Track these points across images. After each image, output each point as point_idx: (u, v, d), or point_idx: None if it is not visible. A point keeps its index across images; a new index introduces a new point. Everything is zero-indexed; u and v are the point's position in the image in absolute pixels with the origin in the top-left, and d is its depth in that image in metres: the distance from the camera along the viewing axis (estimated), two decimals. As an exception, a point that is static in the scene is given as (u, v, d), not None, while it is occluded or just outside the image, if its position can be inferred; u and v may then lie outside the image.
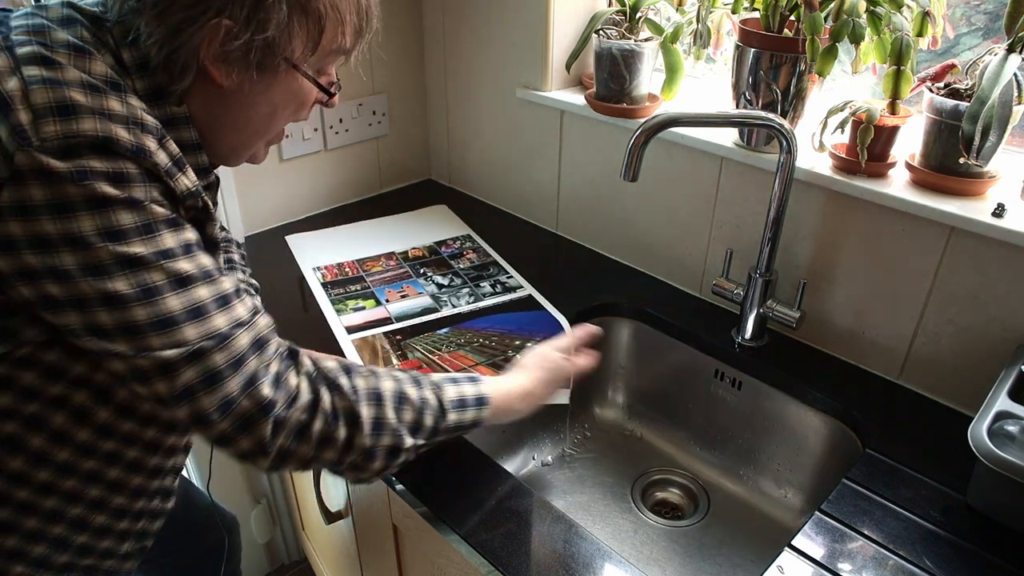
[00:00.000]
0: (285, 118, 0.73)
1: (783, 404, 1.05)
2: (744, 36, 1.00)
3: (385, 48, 1.48)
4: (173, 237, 0.60)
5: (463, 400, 0.79)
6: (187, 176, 0.63)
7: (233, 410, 0.63)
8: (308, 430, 0.67)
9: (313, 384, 0.69)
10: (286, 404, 0.66)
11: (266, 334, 0.67)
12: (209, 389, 0.62)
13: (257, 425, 0.65)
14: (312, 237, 1.40)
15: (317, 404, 0.68)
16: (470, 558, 0.79)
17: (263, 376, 0.65)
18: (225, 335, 0.63)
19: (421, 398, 0.76)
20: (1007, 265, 0.87)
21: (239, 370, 0.63)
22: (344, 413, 0.70)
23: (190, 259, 0.62)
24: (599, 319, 1.22)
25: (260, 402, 0.64)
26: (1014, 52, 0.80)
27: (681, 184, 1.18)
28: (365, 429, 0.70)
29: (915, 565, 0.74)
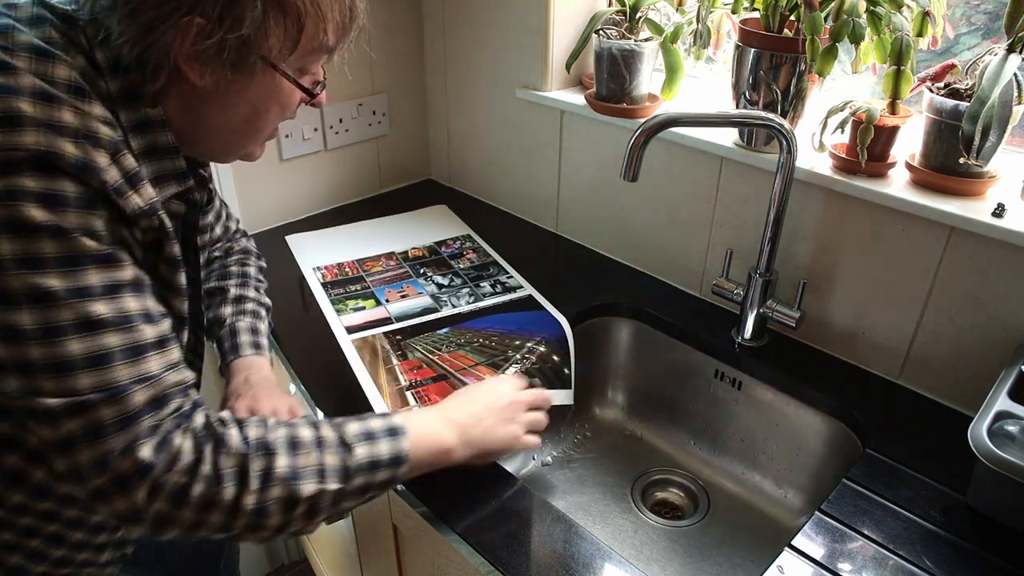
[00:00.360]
0: (270, 119, 0.70)
1: (783, 404, 1.05)
2: (744, 36, 1.00)
3: (385, 48, 1.48)
4: (98, 275, 0.57)
5: (370, 432, 0.73)
6: (141, 193, 0.60)
7: (110, 468, 0.60)
8: (187, 494, 0.63)
9: (197, 444, 0.65)
10: (165, 467, 0.62)
11: (170, 393, 0.63)
12: (90, 444, 0.59)
13: (133, 487, 0.61)
14: (312, 237, 1.40)
15: (198, 466, 0.64)
16: (470, 558, 0.79)
17: (147, 437, 0.61)
18: (120, 389, 0.59)
19: (317, 437, 0.71)
20: (1007, 265, 0.87)
21: (125, 429, 0.60)
22: (229, 473, 0.65)
23: (109, 301, 0.58)
24: (599, 319, 1.22)
25: (137, 463, 0.60)
26: (1014, 52, 0.80)
27: (681, 184, 1.18)
28: (252, 485, 0.65)
29: (915, 565, 0.74)
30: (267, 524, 0.67)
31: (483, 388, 0.87)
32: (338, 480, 0.69)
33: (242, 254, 1.05)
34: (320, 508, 0.69)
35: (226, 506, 0.64)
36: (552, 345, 1.09)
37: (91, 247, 0.56)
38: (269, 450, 0.68)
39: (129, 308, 0.60)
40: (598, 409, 1.27)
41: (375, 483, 0.72)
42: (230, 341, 0.93)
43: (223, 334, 0.94)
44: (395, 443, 0.74)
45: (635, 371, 1.24)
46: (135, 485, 0.60)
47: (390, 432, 0.74)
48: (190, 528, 0.64)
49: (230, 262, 1.03)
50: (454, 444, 0.78)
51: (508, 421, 0.84)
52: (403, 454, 0.73)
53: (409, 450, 0.74)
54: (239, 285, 0.99)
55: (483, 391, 0.86)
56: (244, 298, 0.98)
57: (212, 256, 1.04)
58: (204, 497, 0.63)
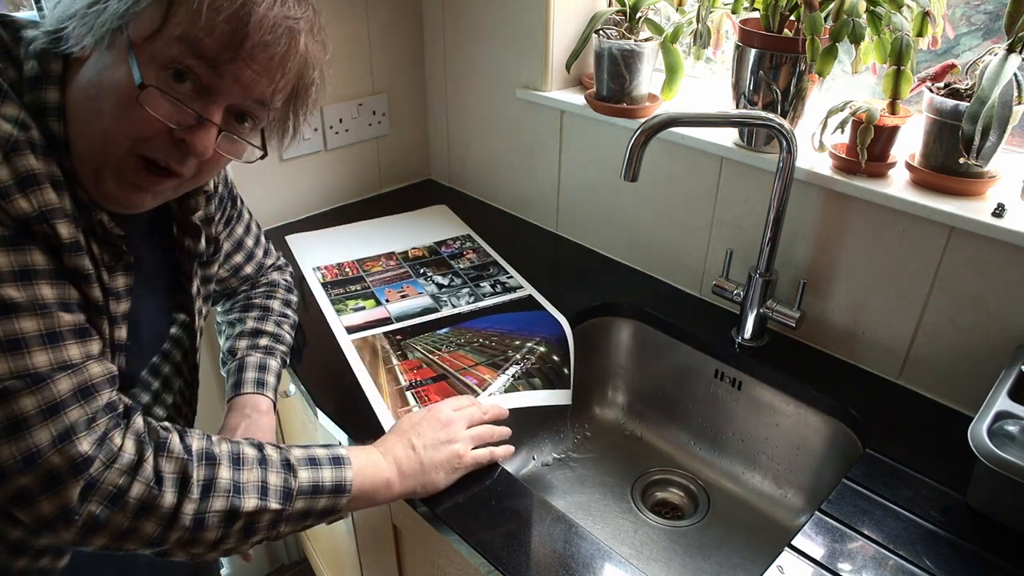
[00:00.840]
0: (108, 118, 0.60)
1: (783, 404, 1.05)
2: (744, 36, 1.00)
3: (385, 48, 1.48)
4: (5, 257, 0.55)
5: (314, 458, 0.72)
6: (32, 199, 0.56)
7: (39, 465, 0.56)
8: (124, 495, 0.59)
9: (139, 445, 0.62)
10: (103, 464, 0.58)
11: (97, 383, 0.60)
12: (11, 437, 0.55)
13: (65, 486, 0.57)
14: (312, 237, 1.40)
15: (139, 467, 0.60)
16: (470, 558, 0.79)
17: (82, 430, 0.57)
18: (41, 376, 0.56)
19: (261, 456, 0.69)
20: (1007, 265, 0.87)
21: (51, 419, 0.56)
22: (170, 478, 0.62)
23: (21, 287, 0.55)
24: (599, 319, 1.22)
25: (73, 459, 0.57)
26: (1014, 52, 0.80)
27: (681, 184, 1.18)
28: (193, 493, 0.63)
29: (915, 565, 0.74)
30: (202, 539, 0.64)
31: (415, 418, 0.85)
32: (279, 500, 0.68)
33: (268, 287, 1.03)
34: (257, 528, 0.67)
35: (164, 513, 0.62)
36: (552, 345, 1.09)
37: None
38: (212, 461, 0.66)
39: (44, 294, 0.57)
40: (598, 409, 1.27)
41: (315, 510, 0.71)
42: (236, 376, 0.92)
43: (232, 367, 0.93)
44: (338, 471, 0.73)
45: (635, 371, 1.24)
46: (68, 482, 0.57)
47: (334, 461, 0.73)
48: (119, 537, 0.61)
49: (255, 295, 1.02)
50: (392, 477, 0.77)
51: (445, 443, 0.82)
52: (346, 483, 0.72)
53: (352, 480, 0.73)
54: (258, 319, 0.98)
55: (415, 421, 0.84)
56: (260, 332, 0.97)
57: (240, 289, 1.03)
58: (142, 501, 0.60)
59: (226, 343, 0.97)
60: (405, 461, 0.79)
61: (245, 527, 0.67)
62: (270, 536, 0.69)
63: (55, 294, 0.58)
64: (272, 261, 1.07)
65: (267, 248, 1.05)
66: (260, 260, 1.03)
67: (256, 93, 0.63)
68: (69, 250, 0.60)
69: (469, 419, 0.87)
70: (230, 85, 0.61)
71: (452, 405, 0.88)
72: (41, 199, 0.57)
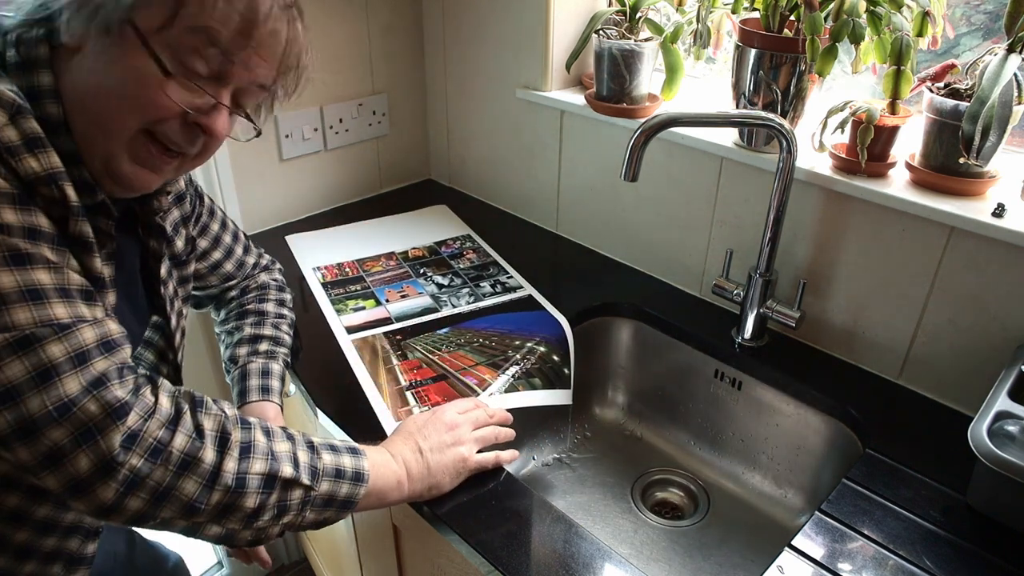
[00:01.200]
0: (129, 108, 0.61)
1: (783, 404, 1.05)
2: (744, 36, 1.00)
3: (385, 48, 1.48)
4: (13, 214, 0.54)
5: (333, 446, 0.73)
6: (41, 159, 0.57)
7: (73, 414, 0.54)
8: (167, 447, 0.58)
9: (175, 400, 0.61)
10: (142, 416, 0.57)
11: (117, 338, 0.59)
12: (42, 386, 0.53)
13: (104, 434, 0.55)
14: (312, 237, 1.40)
15: (179, 420, 0.60)
16: (470, 558, 0.79)
17: (114, 378, 0.56)
18: (65, 325, 0.55)
19: (288, 434, 0.70)
20: (1007, 265, 0.87)
21: (81, 368, 0.55)
22: (211, 434, 0.62)
23: (31, 243, 0.55)
24: (599, 319, 1.22)
25: (110, 404, 0.55)
26: (1014, 52, 0.80)
27: (681, 184, 1.18)
28: (233, 451, 0.62)
29: (915, 565, 0.74)
30: (241, 505, 0.63)
31: (420, 420, 0.85)
32: (308, 477, 0.68)
33: (259, 290, 1.03)
34: (290, 505, 0.67)
35: (205, 470, 0.60)
36: (552, 345, 1.09)
37: (2, 185, 0.54)
38: (248, 425, 0.66)
39: (49, 255, 0.57)
40: (598, 409, 1.27)
41: (338, 497, 0.71)
42: (240, 385, 0.92)
43: (235, 376, 0.93)
44: (357, 460, 0.73)
45: (635, 371, 1.24)
46: (107, 430, 0.55)
47: (351, 451, 0.74)
48: (159, 497, 0.59)
49: (247, 300, 1.01)
50: (402, 478, 0.77)
51: (450, 446, 0.82)
52: (364, 472, 0.73)
53: (369, 470, 0.73)
54: (255, 324, 0.98)
55: (420, 424, 0.84)
56: (259, 337, 0.96)
57: (230, 296, 1.02)
58: (185, 454, 0.59)
59: (226, 352, 0.97)
60: (413, 464, 0.79)
61: (279, 501, 0.66)
62: (297, 521, 0.69)
63: (57, 257, 0.58)
64: (255, 259, 1.06)
65: (247, 245, 1.04)
66: (241, 257, 1.02)
67: (260, 77, 0.66)
68: (75, 214, 0.60)
69: (474, 422, 0.86)
70: (240, 71, 0.64)
71: (457, 408, 0.88)
72: (48, 161, 0.58)
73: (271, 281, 1.06)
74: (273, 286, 1.05)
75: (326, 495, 0.70)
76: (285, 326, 1.01)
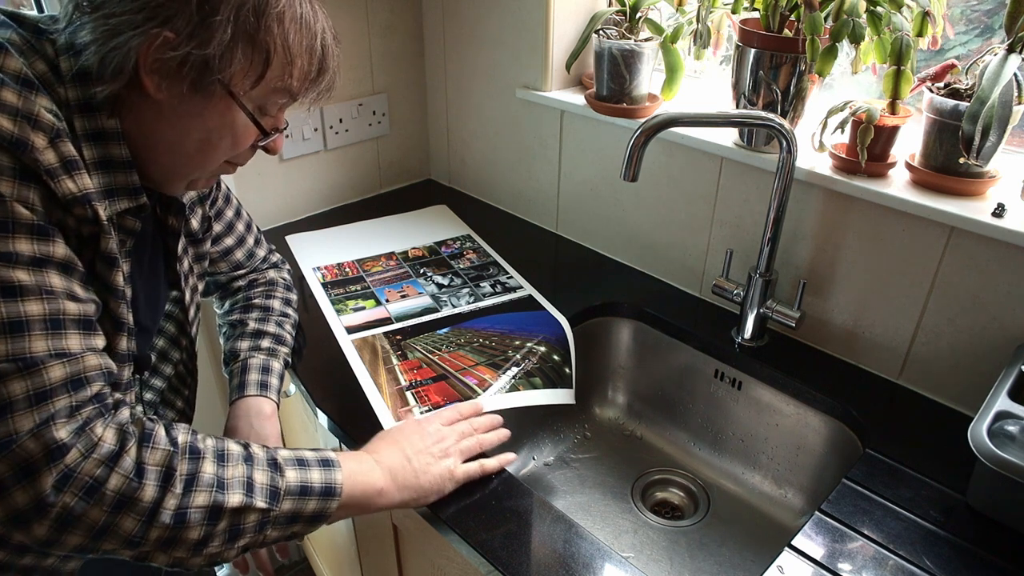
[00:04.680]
0: (221, 150, 0.69)
1: (783, 404, 1.05)
2: (744, 36, 1.00)
3: (385, 48, 1.48)
4: (28, 244, 0.56)
5: (302, 459, 0.71)
6: (77, 181, 0.59)
7: (12, 451, 0.55)
8: (101, 487, 0.58)
9: (121, 436, 0.61)
10: (81, 454, 0.58)
11: (91, 375, 0.60)
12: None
13: (39, 474, 0.56)
14: (312, 237, 1.40)
15: (118, 458, 0.60)
16: (470, 558, 0.79)
17: (62, 418, 0.57)
18: (35, 361, 0.56)
19: (246, 453, 0.68)
20: (1007, 265, 0.87)
21: (36, 407, 0.56)
22: (153, 470, 0.61)
23: (34, 272, 0.57)
24: (599, 319, 1.22)
25: (47, 445, 0.56)
26: (1014, 52, 0.80)
27: (681, 184, 1.18)
28: (176, 488, 0.61)
29: (915, 565, 0.74)
30: (184, 538, 0.62)
31: (407, 429, 0.84)
32: (266, 499, 0.67)
33: (267, 286, 1.03)
34: (244, 529, 0.66)
35: (144, 508, 0.60)
36: (552, 345, 1.09)
37: (24, 215, 0.56)
38: (197, 455, 0.65)
39: (53, 283, 0.58)
40: (598, 409, 1.27)
41: (304, 513, 0.69)
42: (239, 378, 0.92)
43: (235, 369, 0.93)
44: (327, 474, 0.71)
45: (635, 371, 1.24)
46: (42, 471, 0.56)
47: (323, 463, 0.72)
48: (95, 535, 0.59)
49: (254, 294, 1.02)
50: (385, 486, 0.76)
51: (438, 457, 0.81)
52: (336, 486, 0.71)
53: (342, 484, 0.71)
54: (259, 320, 0.98)
55: (407, 432, 0.83)
56: (262, 333, 0.97)
57: (237, 287, 1.03)
58: (121, 494, 0.59)
59: (228, 344, 0.97)
60: (400, 471, 0.78)
61: (231, 527, 0.65)
62: (257, 541, 0.67)
63: (63, 284, 0.59)
64: (264, 252, 1.07)
65: (259, 237, 1.05)
66: (251, 248, 1.03)
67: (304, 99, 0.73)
68: (106, 232, 0.63)
69: (460, 434, 0.86)
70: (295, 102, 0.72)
71: (441, 420, 0.87)
72: (82, 183, 0.60)
73: (280, 279, 1.06)
74: (281, 284, 1.05)
75: (290, 513, 0.68)
76: (289, 325, 1.01)
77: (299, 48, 0.66)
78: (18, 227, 0.56)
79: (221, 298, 1.04)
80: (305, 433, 1.31)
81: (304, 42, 0.66)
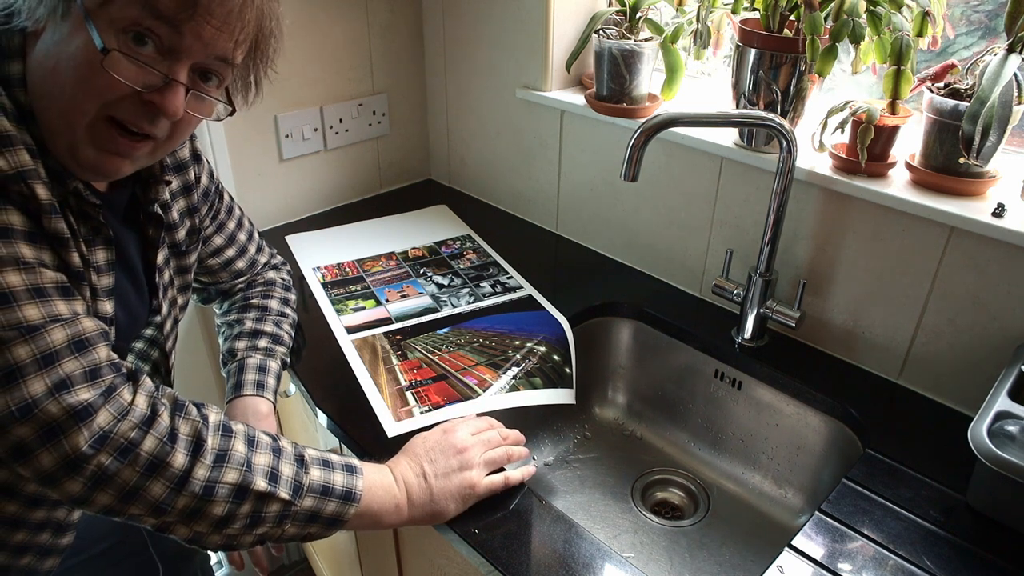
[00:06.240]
0: (81, 89, 0.60)
1: (783, 404, 1.05)
2: (744, 36, 1.00)
3: (385, 48, 1.48)
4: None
5: (327, 461, 0.71)
6: (7, 158, 0.57)
7: (35, 415, 0.56)
8: (136, 448, 0.59)
9: (152, 402, 0.61)
10: (115, 416, 0.59)
11: (91, 336, 0.60)
12: (6, 388, 0.55)
13: (68, 434, 0.56)
14: (312, 237, 1.40)
15: (152, 422, 0.60)
16: (470, 558, 0.79)
17: (80, 382, 0.57)
18: (35, 327, 0.56)
19: (275, 445, 0.68)
20: (1007, 265, 0.87)
21: (46, 369, 0.56)
22: (185, 439, 0.62)
23: (3, 242, 0.56)
24: (599, 319, 1.22)
25: (72, 408, 0.56)
26: (1014, 52, 0.80)
27: (681, 184, 1.18)
28: (206, 458, 0.62)
29: (915, 565, 0.74)
30: (209, 512, 0.62)
31: (430, 441, 0.81)
32: (289, 492, 0.67)
33: (265, 286, 1.03)
34: (264, 518, 0.66)
35: (173, 474, 0.60)
36: (552, 345, 1.09)
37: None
38: (229, 433, 0.65)
39: (24, 252, 0.57)
40: (598, 409, 1.27)
41: (323, 514, 0.69)
42: (236, 378, 0.92)
43: (232, 368, 0.93)
44: (350, 479, 0.71)
45: (635, 371, 1.24)
46: (71, 431, 0.57)
47: (347, 468, 0.72)
48: (125, 496, 0.60)
49: (252, 295, 1.02)
50: (402, 502, 0.75)
51: (457, 471, 0.78)
52: (356, 492, 0.71)
53: (362, 491, 0.71)
54: (256, 319, 0.98)
55: (429, 446, 0.80)
56: (259, 333, 0.96)
57: (236, 289, 1.03)
58: (153, 456, 0.59)
59: (225, 344, 0.97)
60: (416, 490, 0.76)
61: (253, 512, 0.65)
62: (275, 534, 0.68)
63: (33, 254, 0.58)
64: (266, 259, 1.06)
65: (260, 244, 1.05)
66: (253, 256, 1.03)
67: (218, 49, 0.63)
68: (47, 212, 0.60)
69: (486, 443, 0.83)
70: (192, 43, 0.61)
71: (470, 428, 0.84)
72: (17, 159, 0.58)
73: (278, 279, 1.06)
74: (279, 284, 1.05)
75: (309, 511, 0.68)
76: (286, 325, 1.01)
77: None
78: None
79: (221, 301, 1.04)
80: (305, 433, 1.31)
81: None
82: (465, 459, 0.80)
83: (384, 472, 0.76)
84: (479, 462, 0.80)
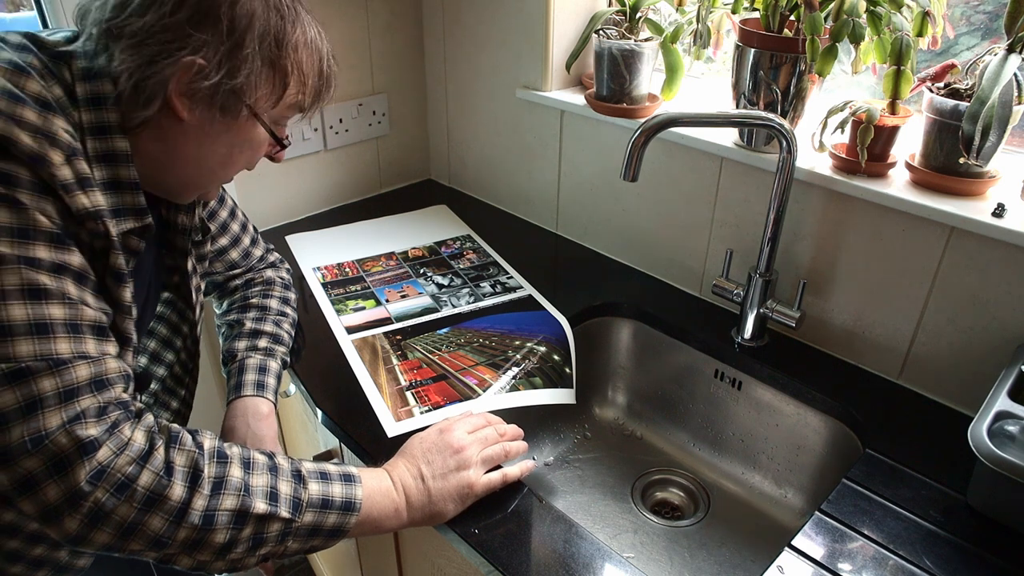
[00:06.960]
0: (239, 163, 0.75)
1: (783, 404, 1.05)
2: (744, 36, 1.00)
3: (385, 48, 1.48)
4: (47, 251, 0.58)
5: (325, 472, 0.72)
6: (90, 197, 0.62)
7: (45, 446, 0.57)
8: (133, 484, 0.60)
9: (149, 436, 0.63)
10: (113, 452, 0.60)
11: (112, 378, 0.62)
12: (25, 418, 0.56)
13: (72, 467, 0.58)
14: (312, 237, 1.40)
15: (149, 456, 0.61)
16: (470, 558, 0.79)
17: (91, 417, 0.59)
18: (63, 361, 0.58)
19: (271, 463, 0.69)
20: (1007, 265, 0.87)
21: (65, 404, 0.58)
22: (182, 470, 0.63)
23: (55, 277, 0.59)
24: (599, 319, 1.22)
25: (79, 440, 0.58)
26: (1014, 52, 0.80)
27: (681, 184, 1.18)
28: (203, 489, 0.63)
29: (915, 565, 0.74)
30: (210, 541, 0.63)
31: (427, 442, 0.82)
32: (289, 510, 0.67)
33: (265, 285, 1.03)
34: (267, 538, 0.67)
35: (172, 507, 0.61)
36: (552, 345, 1.09)
37: (43, 223, 0.58)
38: (224, 459, 0.66)
39: (70, 290, 0.60)
40: (598, 409, 1.27)
41: (324, 527, 0.70)
42: (236, 378, 0.92)
43: (233, 369, 0.93)
44: (349, 488, 0.72)
45: (635, 371, 1.24)
46: (75, 465, 0.58)
47: (345, 478, 0.72)
48: (123, 533, 0.60)
49: (251, 294, 1.02)
50: (402, 505, 0.76)
51: (454, 471, 0.79)
52: (355, 501, 0.71)
53: (362, 500, 0.72)
54: (256, 319, 0.98)
55: (426, 447, 0.81)
56: (259, 333, 0.97)
57: (234, 287, 1.03)
58: (151, 491, 0.60)
59: (225, 344, 0.97)
60: (414, 492, 0.77)
61: (254, 534, 0.66)
62: (278, 551, 0.68)
63: (78, 292, 0.61)
64: (261, 252, 1.07)
65: (255, 237, 1.05)
66: (247, 247, 1.03)
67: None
68: (116, 248, 0.65)
69: (483, 441, 0.83)
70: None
71: (466, 427, 0.84)
72: (95, 199, 0.63)
73: (278, 278, 1.06)
74: (279, 283, 1.05)
75: (311, 525, 0.69)
76: (286, 324, 1.01)
77: (311, 69, 0.72)
78: (39, 234, 0.58)
79: (219, 298, 1.04)
80: (305, 433, 1.31)
81: (315, 64, 0.72)
82: (462, 459, 0.80)
83: (382, 477, 0.77)
84: (476, 461, 0.81)
